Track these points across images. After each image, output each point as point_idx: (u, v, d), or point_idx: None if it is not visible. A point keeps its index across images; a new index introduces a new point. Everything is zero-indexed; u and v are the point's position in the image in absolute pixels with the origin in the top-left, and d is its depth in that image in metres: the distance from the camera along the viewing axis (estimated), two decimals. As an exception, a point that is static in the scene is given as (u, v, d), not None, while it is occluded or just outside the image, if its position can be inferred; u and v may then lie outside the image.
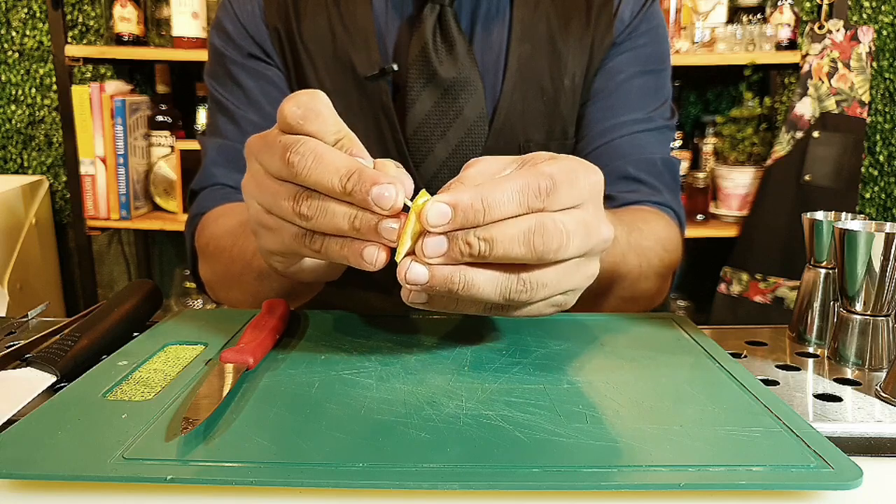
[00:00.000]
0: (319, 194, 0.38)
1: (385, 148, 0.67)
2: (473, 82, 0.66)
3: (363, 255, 0.38)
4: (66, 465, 0.32)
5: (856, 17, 1.73)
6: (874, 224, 0.51)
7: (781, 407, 0.39)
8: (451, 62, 0.65)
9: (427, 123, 0.66)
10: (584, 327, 0.53)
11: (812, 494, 0.32)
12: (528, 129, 0.67)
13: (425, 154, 0.67)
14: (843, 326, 0.50)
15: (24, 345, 0.50)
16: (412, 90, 0.65)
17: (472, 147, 0.66)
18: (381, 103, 0.67)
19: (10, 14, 1.83)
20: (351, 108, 0.67)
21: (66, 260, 1.93)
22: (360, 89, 0.66)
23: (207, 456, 0.33)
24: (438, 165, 0.67)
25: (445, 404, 0.39)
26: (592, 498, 0.32)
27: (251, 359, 0.42)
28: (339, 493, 0.32)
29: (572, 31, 0.68)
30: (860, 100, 1.50)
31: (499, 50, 0.67)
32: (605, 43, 0.69)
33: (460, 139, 0.66)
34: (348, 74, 0.67)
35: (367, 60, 0.66)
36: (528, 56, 0.67)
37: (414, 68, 0.65)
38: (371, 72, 0.65)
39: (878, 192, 1.82)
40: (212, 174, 0.70)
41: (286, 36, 0.69)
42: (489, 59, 0.67)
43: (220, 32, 0.73)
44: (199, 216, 0.70)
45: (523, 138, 0.67)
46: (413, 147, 0.67)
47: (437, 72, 0.65)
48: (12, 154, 1.91)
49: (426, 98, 0.65)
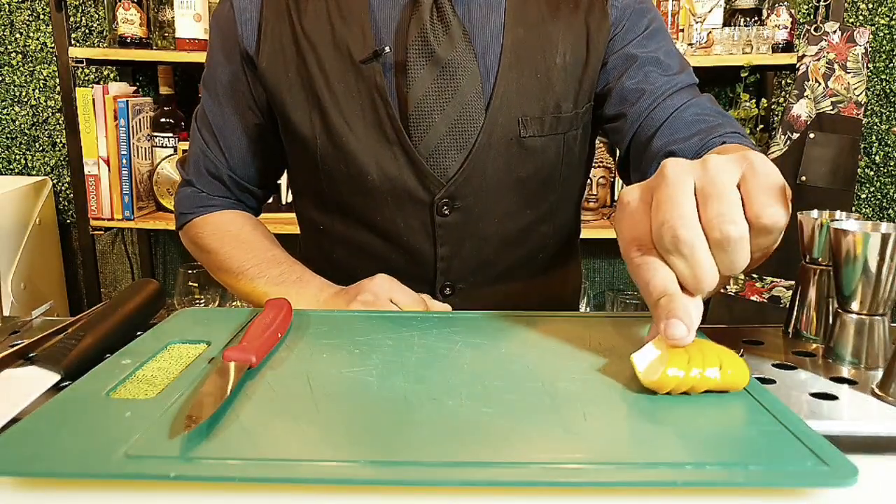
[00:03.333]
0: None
1: (382, 127, 0.72)
2: (469, 62, 0.71)
3: None
4: (70, 462, 0.33)
5: (852, 19, 1.74)
6: (870, 224, 0.51)
7: (778, 405, 0.39)
8: (448, 43, 0.70)
9: (427, 100, 0.70)
10: (583, 327, 0.53)
11: (808, 492, 0.32)
12: (524, 104, 0.72)
13: (426, 129, 0.71)
14: (839, 326, 0.51)
15: (28, 344, 0.50)
16: (412, 69, 0.70)
17: (470, 122, 0.71)
18: (374, 84, 0.71)
19: (13, 16, 1.84)
20: (349, 90, 0.72)
21: (70, 260, 1.94)
22: (356, 73, 0.72)
23: (211, 453, 0.33)
24: (439, 140, 0.71)
25: (445, 402, 0.39)
26: (591, 495, 0.32)
27: (254, 357, 0.43)
28: (340, 489, 0.32)
29: (562, 14, 0.74)
30: (856, 101, 1.50)
31: (496, 33, 0.73)
32: (603, 25, 0.75)
33: (458, 115, 0.71)
34: (346, 60, 0.72)
35: (362, 45, 0.71)
36: (521, 39, 0.73)
37: (413, 49, 0.70)
38: (365, 55, 0.71)
39: (873, 193, 1.82)
40: (192, 179, 0.84)
41: (289, 29, 0.74)
42: (487, 42, 0.73)
43: (214, 47, 0.79)
44: (187, 215, 0.83)
45: (520, 113, 0.72)
46: (413, 124, 0.71)
47: (435, 51, 0.70)
48: (16, 155, 1.92)
49: (426, 76, 0.70)
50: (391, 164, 0.72)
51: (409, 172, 0.72)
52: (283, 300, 0.54)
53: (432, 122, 0.71)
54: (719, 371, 0.39)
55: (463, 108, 0.71)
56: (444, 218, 0.73)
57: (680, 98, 0.72)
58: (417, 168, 0.72)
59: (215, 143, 0.81)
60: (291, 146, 0.78)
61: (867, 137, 1.78)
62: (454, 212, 0.73)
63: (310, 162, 0.75)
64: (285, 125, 0.76)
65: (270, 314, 0.50)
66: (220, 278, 0.80)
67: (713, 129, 0.68)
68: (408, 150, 0.71)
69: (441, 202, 0.73)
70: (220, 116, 0.80)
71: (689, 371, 0.39)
